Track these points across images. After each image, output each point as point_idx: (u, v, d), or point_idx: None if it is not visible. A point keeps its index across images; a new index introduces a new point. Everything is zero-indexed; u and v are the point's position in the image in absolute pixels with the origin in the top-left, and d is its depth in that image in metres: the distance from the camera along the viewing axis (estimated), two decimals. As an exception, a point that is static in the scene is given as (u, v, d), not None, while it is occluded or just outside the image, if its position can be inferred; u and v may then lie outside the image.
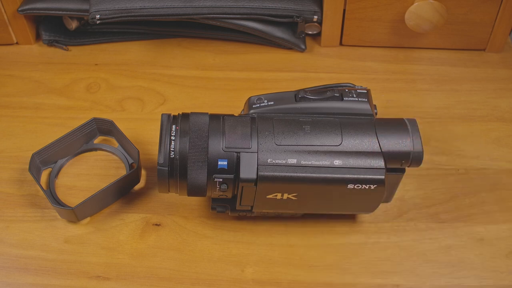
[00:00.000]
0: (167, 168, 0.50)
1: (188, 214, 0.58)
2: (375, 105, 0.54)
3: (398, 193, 0.60)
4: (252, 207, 0.53)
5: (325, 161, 0.49)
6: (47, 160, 0.60)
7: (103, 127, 0.63)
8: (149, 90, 0.70)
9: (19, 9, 0.71)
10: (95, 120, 0.62)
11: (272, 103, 0.53)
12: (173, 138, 0.50)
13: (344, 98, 0.53)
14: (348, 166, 0.50)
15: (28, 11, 0.71)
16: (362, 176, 0.49)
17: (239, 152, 0.50)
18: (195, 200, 0.59)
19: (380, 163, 0.50)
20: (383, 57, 0.74)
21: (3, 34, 0.74)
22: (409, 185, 0.61)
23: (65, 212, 0.56)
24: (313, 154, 0.50)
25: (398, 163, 0.51)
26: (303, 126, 0.51)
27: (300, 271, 0.55)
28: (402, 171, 0.52)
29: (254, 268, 0.55)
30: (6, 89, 0.70)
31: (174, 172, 0.50)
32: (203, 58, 0.74)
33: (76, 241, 0.56)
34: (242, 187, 0.50)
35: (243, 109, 0.55)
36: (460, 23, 0.71)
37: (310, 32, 0.76)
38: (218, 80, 0.71)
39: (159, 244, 0.56)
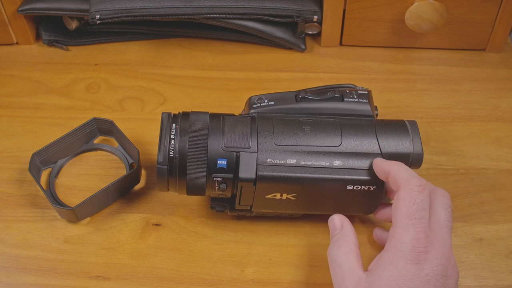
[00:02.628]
0: (166, 167, 0.50)
1: (188, 214, 0.58)
2: (376, 106, 0.54)
3: (398, 193, 0.60)
4: (251, 206, 0.53)
5: (324, 162, 0.49)
6: (47, 160, 0.60)
7: (103, 127, 0.63)
8: (149, 90, 0.70)
9: (19, 9, 0.71)
10: (95, 120, 0.62)
11: (272, 103, 0.53)
12: (173, 137, 0.50)
13: (345, 99, 0.53)
14: (347, 167, 0.49)
15: (28, 11, 0.71)
16: (361, 177, 0.49)
17: (239, 152, 0.50)
18: (195, 200, 0.59)
19: (379, 163, 0.50)
20: (383, 57, 0.74)
21: (3, 34, 0.74)
22: (409, 185, 0.61)
23: (65, 212, 0.56)
24: (312, 154, 0.50)
25: (398, 163, 0.51)
26: (303, 127, 0.51)
27: (300, 271, 0.54)
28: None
29: (254, 268, 0.55)
30: (6, 89, 0.70)
31: (174, 171, 0.50)
32: (203, 58, 0.74)
33: (76, 241, 0.56)
34: (241, 186, 0.50)
35: (243, 109, 0.55)
36: (460, 23, 0.71)
37: (310, 32, 0.76)
38: (218, 80, 0.71)
39: (159, 244, 0.56)
